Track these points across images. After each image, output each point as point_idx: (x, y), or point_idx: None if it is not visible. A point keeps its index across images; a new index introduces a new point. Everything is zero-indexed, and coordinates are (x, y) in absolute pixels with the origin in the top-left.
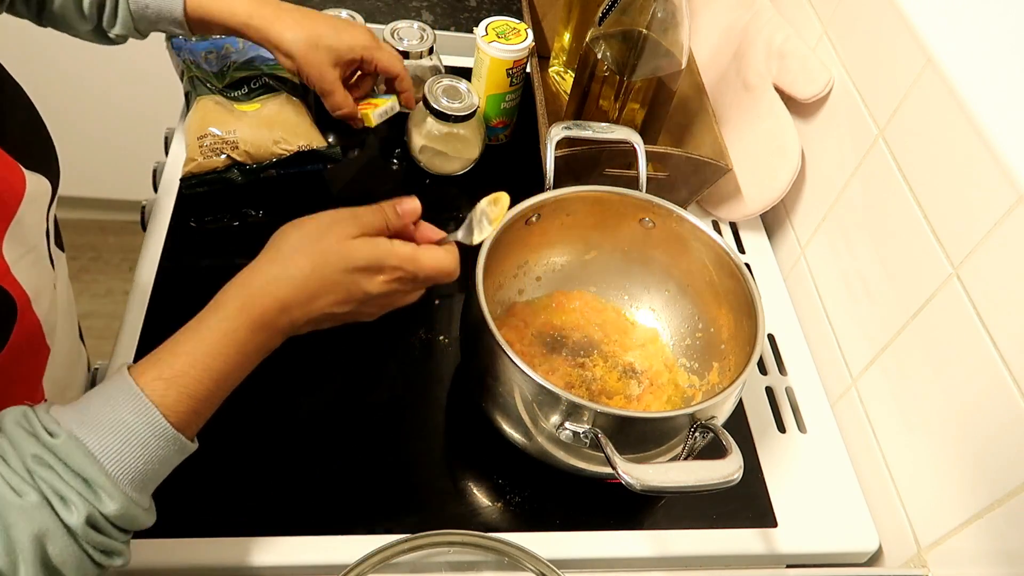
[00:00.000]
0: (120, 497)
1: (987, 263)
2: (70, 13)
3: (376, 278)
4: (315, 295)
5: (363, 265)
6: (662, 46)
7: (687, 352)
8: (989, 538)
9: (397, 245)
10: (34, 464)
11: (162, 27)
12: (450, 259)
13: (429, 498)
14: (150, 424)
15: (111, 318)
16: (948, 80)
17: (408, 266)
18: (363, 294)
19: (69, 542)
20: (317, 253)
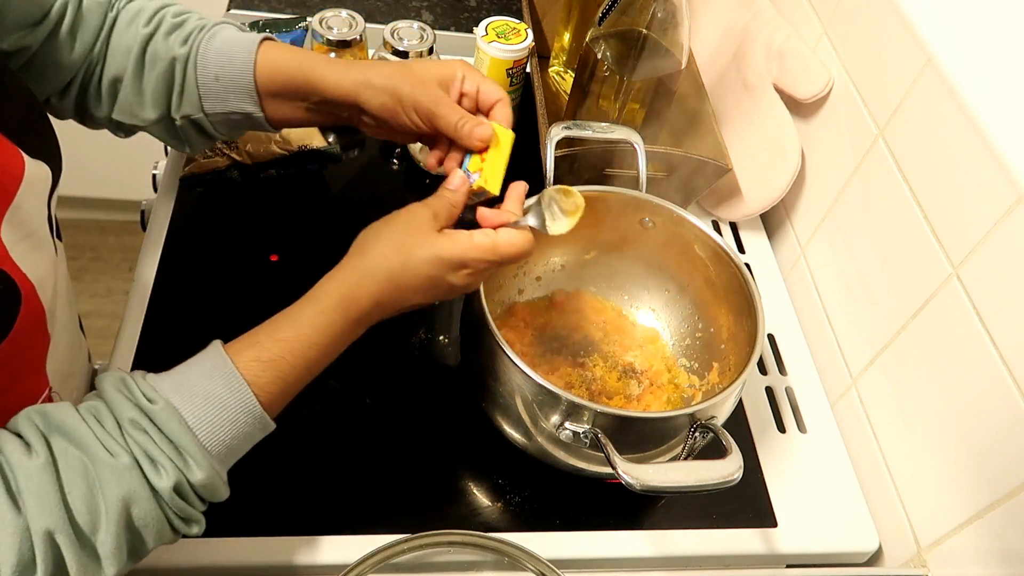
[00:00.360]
0: (208, 467)
1: (987, 263)
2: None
3: (460, 272)
4: (405, 290)
5: (448, 260)
6: (662, 46)
7: (687, 352)
8: (989, 538)
9: (477, 238)
10: (130, 427)
11: (233, 104)
12: (527, 240)
13: (429, 498)
14: (242, 401)
15: (111, 318)
16: (948, 80)
17: (490, 256)
18: (448, 286)
19: (154, 506)
20: (404, 250)
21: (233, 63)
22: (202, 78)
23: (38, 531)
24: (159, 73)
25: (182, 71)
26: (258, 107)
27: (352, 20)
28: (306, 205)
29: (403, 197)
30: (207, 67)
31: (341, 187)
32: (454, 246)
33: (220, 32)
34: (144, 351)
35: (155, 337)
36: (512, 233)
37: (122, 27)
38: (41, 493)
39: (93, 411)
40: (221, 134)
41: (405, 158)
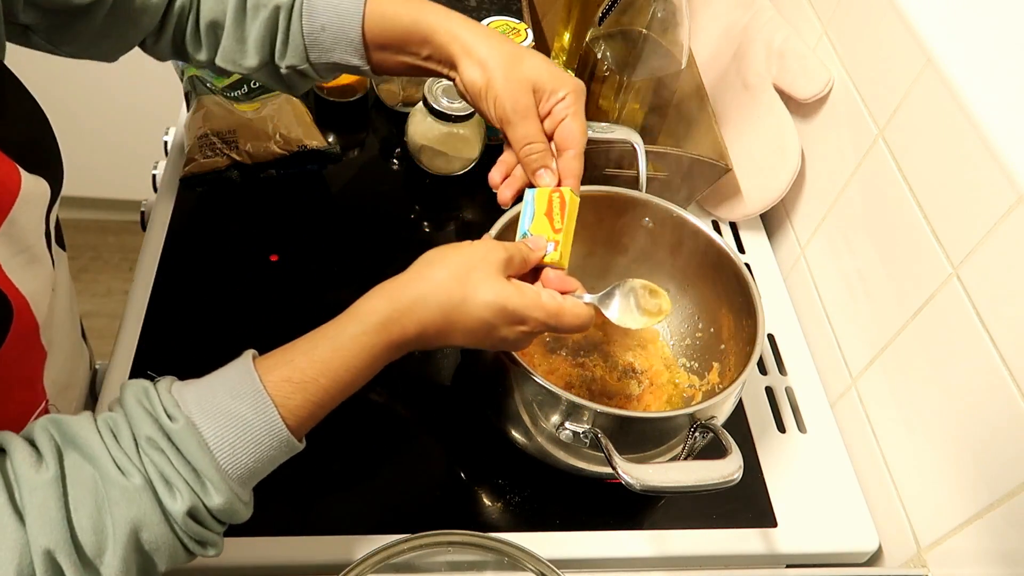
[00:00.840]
0: (226, 491)
1: (987, 263)
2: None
3: (516, 327)
4: (455, 327)
5: (510, 311)
6: (662, 46)
7: (687, 352)
8: (989, 538)
9: (545, 298)
10: (147, 445)
11: (338, 56)
12: (590, 317)
13: (429, 498)
14: (268, 425)
15: (111, 318)
16: (948, 80)
17: (551, 321)
18: (498, 338)
19: (166, 530)
20: (469, 284)
21: (340, 14)
22: (308, 28)
23: (38, 549)
24: (262, 20)
25: (286, 19)
26: (364, 60)
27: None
28: (306, 205)
29: (403, 197)
30: (314, 16)
31: (341, 187)
32: (521, 298)
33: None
34: (144, 351)
35: (155, 337)
36: (579, 305)
37: None
38: (44, 509)
39: (111, 424)
40: (325, 78)
41: (405, 158)
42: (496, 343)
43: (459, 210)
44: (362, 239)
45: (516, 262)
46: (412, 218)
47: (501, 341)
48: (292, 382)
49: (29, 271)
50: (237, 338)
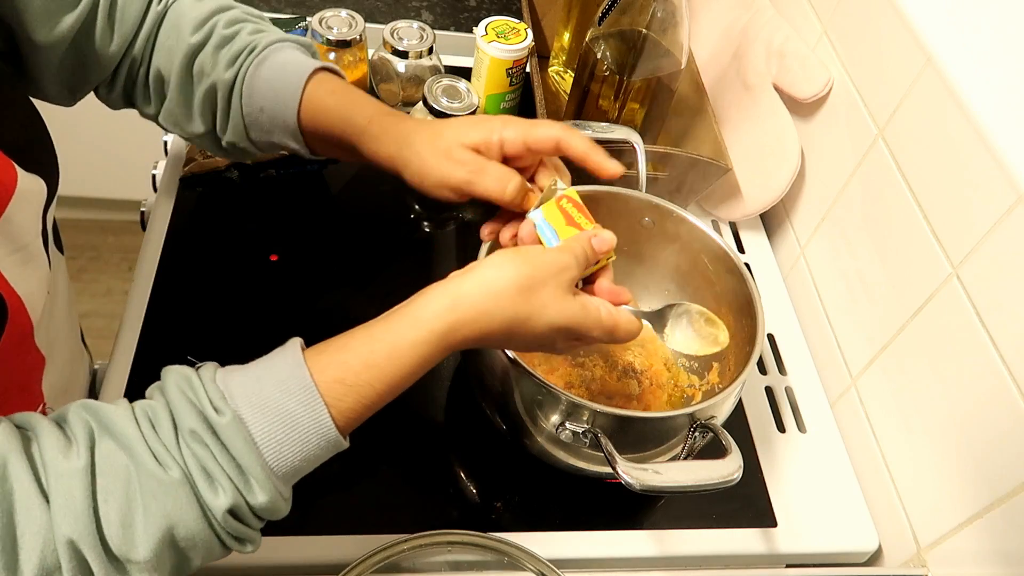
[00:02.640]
0: (271, 489)
1: (987, 263)
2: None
3: (572, 342)
4: (514, 338)
5: (568, 328)
6: (662, 46)
7: None
8: (989, 538)
9: (603, 314)
10: (189, 438)
11: (277, 138)
12: (639, 330)
13: (429, 498)
14: (318, 424)
15: (111, 318)
16: (948, 80)
17: (606, 337)
18: (552, 348)
19: (204, 526)
20: (537, 301)
21: (278, 100)
22: (247, 108)
23: (61, 538)
24: (205, 91)
25: (226, 97)
26: (302, 145)
27: (352, 20)
28: (306, 205)
29: (403, 197)
30: (252, 98)
31: (341, 187)
32: (584, 318)
33: (271, 57)
34: (144, 351)
35: (155, 337)
36: (632, 320)
37: (169, 28)
38: (69, 498)
39: (150, 413)
40: (269, 151)
41: None
42: (548, 350)
43: (459, 210)
44: (362, 239)
45: (580, 260)
46: (412, 218)
47: (553, 349)
48: (345, 384)
49: (24, 270)
50: (237, 338)
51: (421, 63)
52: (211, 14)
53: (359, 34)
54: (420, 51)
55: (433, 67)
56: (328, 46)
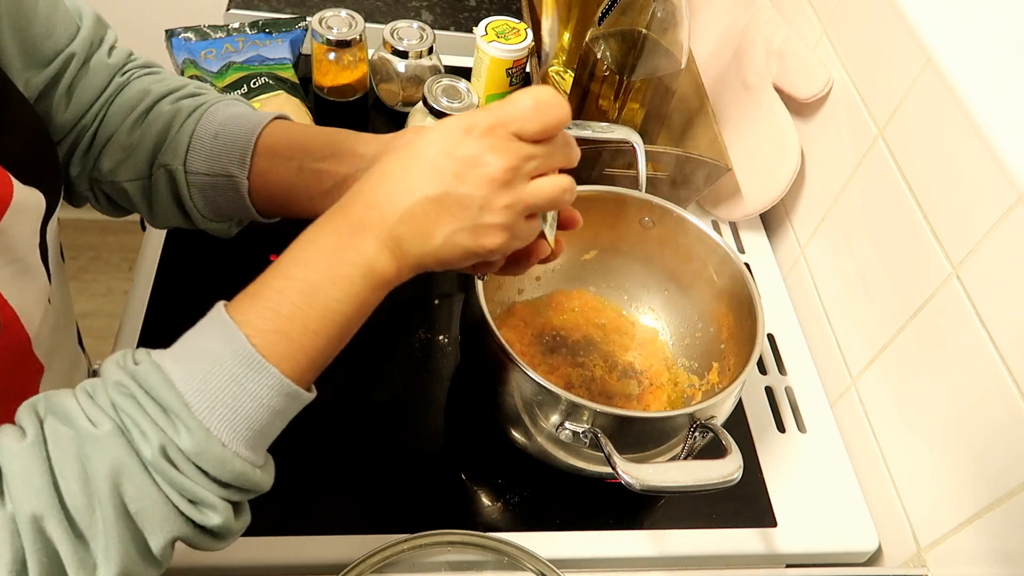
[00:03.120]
0: (198, 430)
1: (987, 263)
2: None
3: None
4: (415, 177)
5: (473, 123)
6: (662, 46)
7: (687, 352)
8: (989, 538)
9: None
10: (115, 392)
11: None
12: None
13: (429, 498)
14: (238, 353)
15: (111, 318)
16: (948, 80)
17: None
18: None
19: (146, 481)
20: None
21: (241, 124)
22: (198, 132)
23: (24, 518)
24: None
25: (180, 123)
26: (245, 171)
27: (352, 20)
28: None
29: None
30: (210, 124)
31: None
32: (488, 108)
33: (239, 105)
34: None
35: (155, 337)
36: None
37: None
38: (25, 473)
39: (88, 387)
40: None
41: None
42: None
43: None
44: None
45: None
46: None
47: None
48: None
49: (20, 282)
50: None
51: (421, 63)
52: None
53: (359, 34)
54: (420, 51)
55: (433, 67)
56: (328, 46)
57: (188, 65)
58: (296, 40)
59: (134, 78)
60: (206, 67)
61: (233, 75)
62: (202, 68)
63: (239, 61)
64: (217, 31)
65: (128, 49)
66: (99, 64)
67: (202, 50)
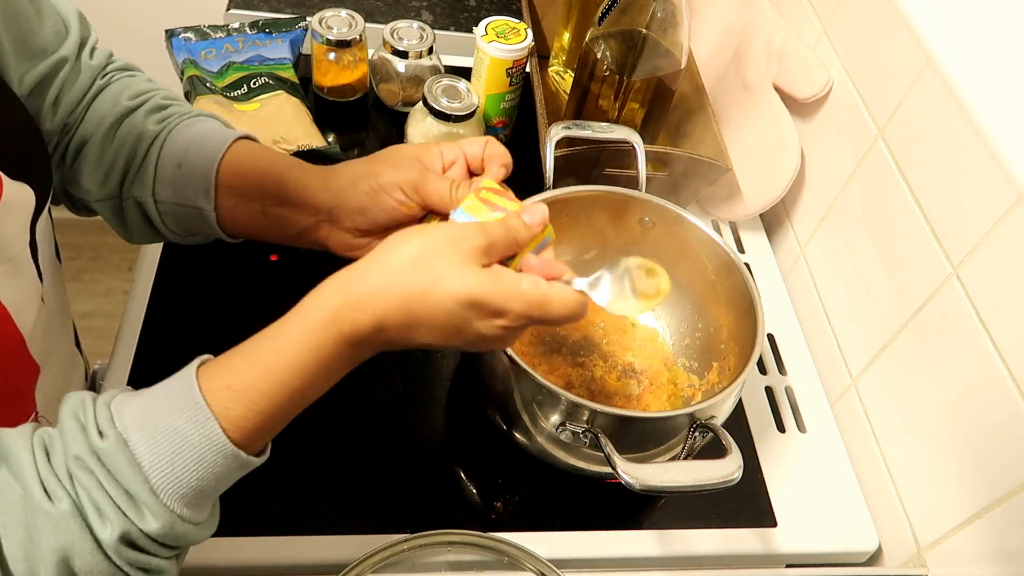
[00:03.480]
0: (164, 515)
1: (987, 263)
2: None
3: (494, 321)
4: (419, 322)
5: (482, 303)
6: (662, 46)
7: (687, 352)
8: (988, 538)
9: (526, 286)
10: (75, 466)
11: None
12: (581, 304)
13: (429, 498)
14: (208, 438)
15: (111, 318)
16: (948, 80)
17: (535, 312)
18: (474, 334)
19: (99, 558)
20: (432, 272)
21: (200, 151)
22: (163, 162)
23: None
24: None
25: (145, 149)
26: (211, 203)
27: (352, 20)
28: None
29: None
30: (172, 152)
31: None
32: (496, 287)
33: (202, 122)
34: (144, 351)
35: (155, 337)
36: (567, 292)
37: (107, 96)
38: None
39: (46, 440)
40: (168, 227)
41: None
42: (473, 341)
43: None
44: None
45: (500, 246)
46: None
47: (478, 338)
48: (232, 389)
49: (11, 281)
50: (237, 338)
51: (421, 63)
52: (151, 89)
53: (359, 34)
54: (420, 51)
55: (433, 67)
56: (328, 46)
57: (188, 65)
58: (296, 40)
59: (114, 80)
60: (206, 67)
61: (233, 75)
62: (202, 68)
63: (239, 61)
64: (217, 31)
65: (108, 49)
66: (84, 66)
67: (202, 50)
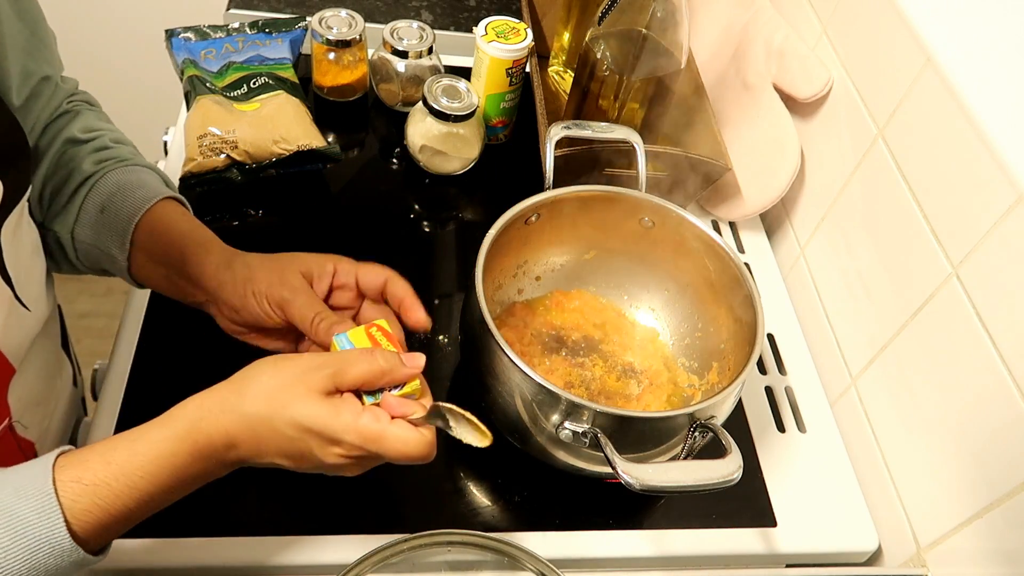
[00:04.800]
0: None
1: (987, 263)
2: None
3: (332, 448)
4: (266, 444)
5: (318, 432)
6: (662, 46)
7: (686, 352)
8: (988, 538)
9: (365, 420)
10: None
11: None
12: (422, 444)
13: (429, 498)
14: (50, 528)
15: (111, 318)
16: (948, 80)
17: (370, 446)
18: (318, 460)
19: None
20: (277, 401)
21: (124, 201)
22: (88, 204)
23: None
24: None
25: (74, 187)
26: (125, 254)
27: (352, 20)
28: (306, 205)
29: (403, 197)
30: (99, 195)
31: (341, 187)
32: (332, 419)
33: (136, 172)
34: (144, 351)
35: (155, 337)
36: (407, 431)
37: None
38: None
39: None
40: (81, 261)
41: (405, 158)
42: (319, 466)
43: (458, 210)
44: (362, 239)
45: (349, 378)
46: (412, 218)
47: (323, 465)
48: (82, 483)
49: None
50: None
51: (421, 63)
52: (103, 129)
53: (359, 34)
54: (420, 51)
55: (433, 67)
56: (328, 46)
57: (188, 65)
58: (296, 40)
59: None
60: (206, 67)
61: (233, 75)
62: (202, 68)
63: (239, 61)
64: (217, 31)
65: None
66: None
67: (202, 50)
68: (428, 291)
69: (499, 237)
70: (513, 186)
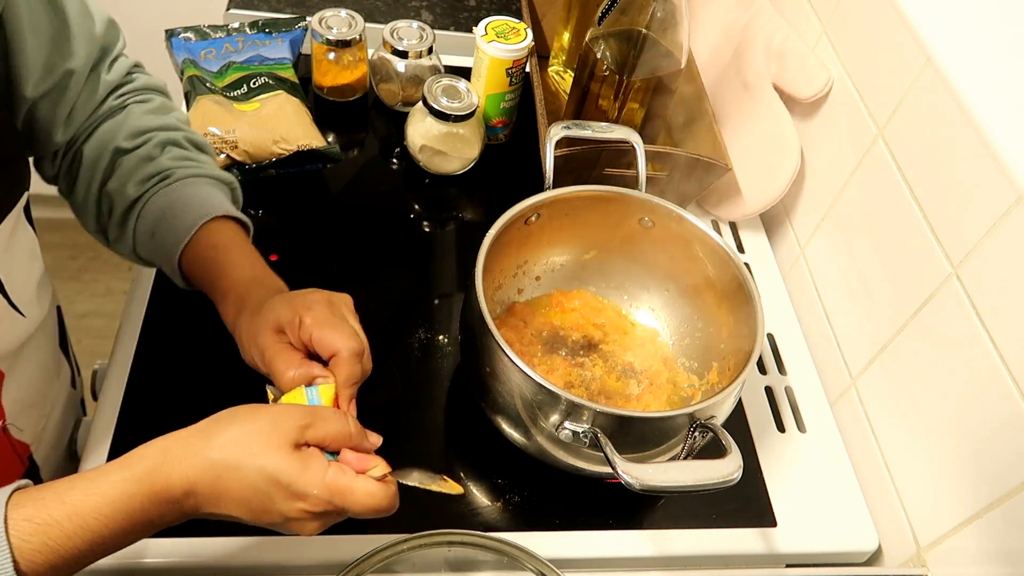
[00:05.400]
0: None
1: (987, 263)
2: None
3: (296, 503)
4: (227, 493)
5: (284, 484)
6: (662, 46)
7: (686, 352)
8: (988, 538)
9: (332, 474)
10: None
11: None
12: (387, 498)
13: (429, 498)
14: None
15: (111, 317)
16: (948, 80)
17: (336, 500)
18: (279, 514)
19: None
20: (247, 449)
21: (168, 234)
22: (140, 228)
23: None
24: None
25: (123, 213)
26: (177, 273)
27: (352, 20)
28: (306, 205)
29: (403, 197)
30: (146, 223)
31: (341, 187)
32: (301, 472)
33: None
34: (144, 351)
35: (155, 337)
36: (373, 484)
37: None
38: None
39: None
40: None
41: (405, 158)
42: (279, 521)
43: (458, 210)
44: (362, 239)
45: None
46: (412, 218)
47: (284, 519)
48: (34, 522)
49: None
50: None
51: (421, 63)
52: (151, 129)
53: (359, 34)
54: (420, 51)
55: (433, 67)
56: (328, 46)
57: (188, 65)
58: (296, 40)
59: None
60: (206, 67)
61: (233, 75)
62: (202, 68)
63: (239, 61)
64: (217, 31)
65: (130, 62)
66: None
67: (202, 50)
68: (428, 291)
69: (499, 237)
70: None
